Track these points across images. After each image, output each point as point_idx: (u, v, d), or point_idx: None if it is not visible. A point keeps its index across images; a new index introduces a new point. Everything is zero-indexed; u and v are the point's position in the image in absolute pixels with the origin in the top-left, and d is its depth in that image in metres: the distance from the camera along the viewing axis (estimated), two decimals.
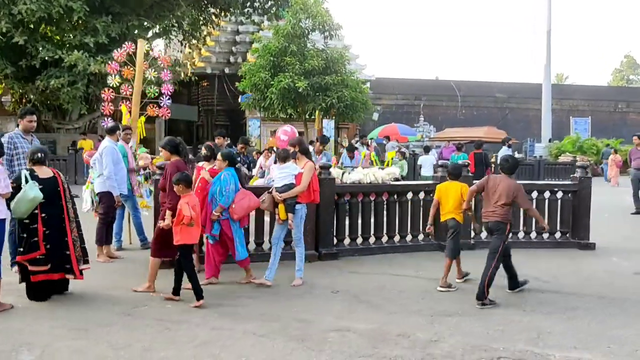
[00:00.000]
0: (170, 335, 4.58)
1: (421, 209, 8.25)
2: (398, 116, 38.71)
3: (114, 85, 8.97)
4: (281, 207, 6.09)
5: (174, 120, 29.09)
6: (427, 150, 15.61)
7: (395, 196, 8.17)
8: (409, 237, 8.18)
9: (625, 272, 7.15)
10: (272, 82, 11.83)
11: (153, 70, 9.22)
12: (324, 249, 7.46)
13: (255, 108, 12.97)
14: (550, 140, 32.95)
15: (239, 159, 9.15)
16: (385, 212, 8.04)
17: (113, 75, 8.95)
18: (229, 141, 13.21)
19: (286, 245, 7.43)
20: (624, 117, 42.16)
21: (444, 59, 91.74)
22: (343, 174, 7.85)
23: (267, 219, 7.48)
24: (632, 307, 5.61)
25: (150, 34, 23.80)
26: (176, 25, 23.69)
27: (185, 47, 26.90)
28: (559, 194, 8.65)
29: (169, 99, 9.35)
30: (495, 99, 40.65)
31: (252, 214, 7.18)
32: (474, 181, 7.30)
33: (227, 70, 28.90)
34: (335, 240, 7.72)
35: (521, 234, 8.60)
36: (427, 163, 16.45)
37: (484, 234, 8.41)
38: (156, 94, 9.31)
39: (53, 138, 22.83)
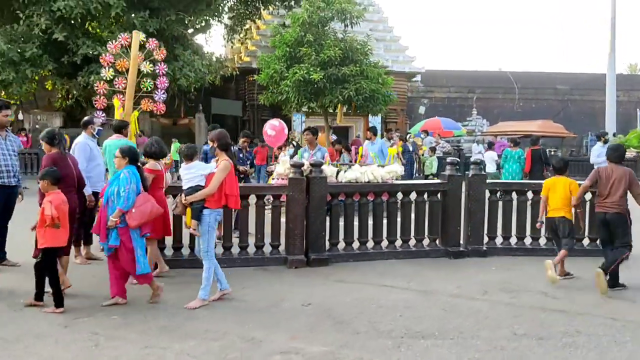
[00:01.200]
0: (93, 354, 4.15)
1: (426, 210, 7.51)
2: (450, 110, 37.36)
3: (107, 78, 8.69)
4: (188, 212, 5.43)
5: (220, 115, 29.14)
6: (490, 146, 14.53)
7: (398, 197, 7.48)
8: (412, 242, 7.46)
9: None
10: (286, 74, 11.31)
11: (148, 62, 8.88)
12: (314, 254, 6.86)
13: (273, 102, 12.45)
14: (614, 135, 30.75)
15: (241, 155, 8.71)
16: (385, 214, 7.37)
17: (107, 68, 8.67)
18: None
19: (274, 249, 6.95)
20: None
21: (502, 51, 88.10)
22: (338, 172, 7.22)
23: (283, 219, 7.02)
24: None
25: (190, 29, 23.84)
26: (217, 19, 23.58)
27: (228, 41, 26.77)
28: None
29: (164, 93, 9.01)
30: (556, 90, 38.50)
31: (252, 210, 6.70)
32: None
33: None
34: (328, 245, 7.13)
35: (542, 240, 7.70)
36: (489, 159, 15.71)
37: (499, 240, 7.63)
38: (151, 88, 8.97)
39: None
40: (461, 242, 7.52)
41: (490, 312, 5.26)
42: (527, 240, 7.68)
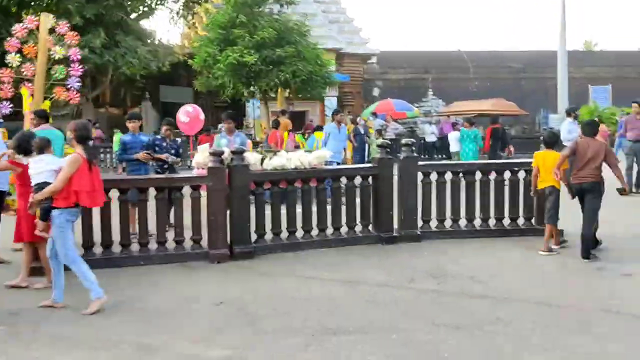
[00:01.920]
0: None
1: (357, 196, 7.23)
2: (407, 91, 37.25)
3: (13, 65, 8.08)
4: (37, 212, 4.95)
5: (170, 103, 28.31)
6: (471, 123, 14.42)
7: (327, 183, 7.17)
8: (344, 229, 7.17)
9: (586, 266, 6.03)
10: (219, 58, 10.81)
11: (60, 47, 8.29)
12: (239, 246, 6.50)
13: (208, 87, 11.89)
14: (566, 111, 31.25)
15: (164, 144, 8.24)
16: (315, 202, 7.05)
17: (13, 53, 8.05)
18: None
19: (195, 244, 6.55)
20: None
21: (460, 30, 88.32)
22: (263, 159, 6.84)
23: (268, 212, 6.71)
24: (568, 316, 4.53)
25: (133, 15, 22.96)
26: (160, 3, 22.75)
27: (174, 26, 25.87)
28: (522, 173, 7.50)
29: (78, 81, 8.44)
30: (510, 68, 38.78)
31: None
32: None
33: None
34: (255, 237, 6.78)
35: (477, 222, 7.51)
36: (453, 139, 16.11)
37: (433, 223, 7.40)
38: (63, 75, 8.40)
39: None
40: (395, 227, 7.27)
41: (413, 301, 5.01)
42: (463, 223, 7.47)
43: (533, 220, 7.50)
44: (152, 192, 6.44)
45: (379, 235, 7.14)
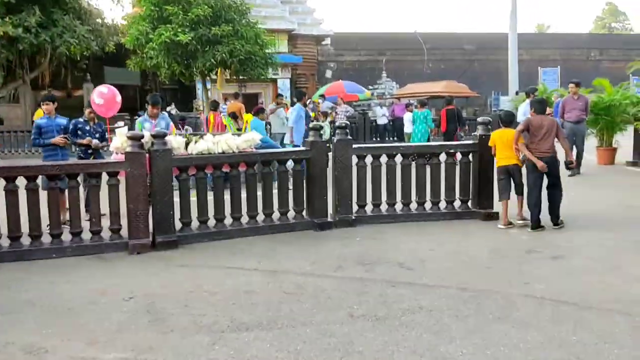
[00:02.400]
0: None
1: (290, 179, 6.96)
2: (361, 73, 37.10)
3: None
4: None
5: (116, 85, 27.29)
6: (423, 104, 14.52)
7: (257, 167, 6.86)
8: (276, 216, 6.89)
9: (517, 249, 5.93)
10: (152, 36, 10.27)
11: None
12: (161, 236, 6.15)
13: (142, 67, 11.33)
14: (517, 93, 31.56)
15: (87, 127, 7.77)
16: (245, 187, 6.74)
17: None
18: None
19: (114, 234, 6.17)
20: (597, 65, 40.80)
21: (412, 13, 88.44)
22: (187, 143, 6.47)
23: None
24: (491, 303, 4.39)
25: None
26: None
27: (117, 4, 24.76)
28: (459, 156, 7.36)
29: None
30: (463, 51, 39.06)
31: None
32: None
33: None
34: (180, 225, 6.44)
35: (414, 205, 7.34)
36: (407, 121, 16.10)
37: (369, 208, 7.20)
38: None
39: None
40: (329, 212, 7.03)
41: (335, 291, 4.78)
42: (398, 207, 7.30)
43: (470, 203, 7.39)
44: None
45: (312, 221, 6.90)
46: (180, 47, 10.34)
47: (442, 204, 7.36)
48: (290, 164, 7.06)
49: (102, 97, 7.09)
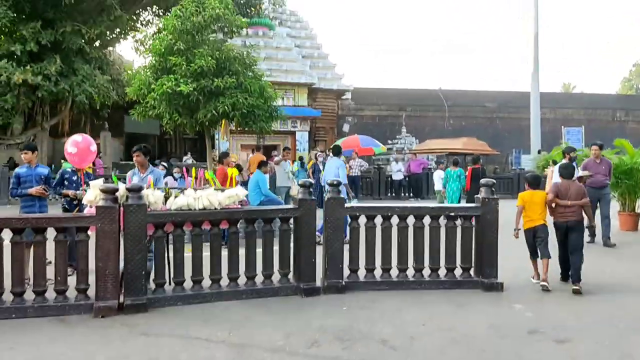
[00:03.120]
0: None
1: (274, 240, 6.49)
2: (381, 127, 37.02)
3: None
4: None
5: (136, 134, 27.55)
6: (455, 163, 14.43)
7: (240, 225, 6.43)
8: (259, 279, 6.39)
9: (519, 327, 5.30)
10: (154, 87, 10.14)
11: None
12: (130, 298, 5.69)
13: (145, 117, 11.17)
14: (539, 152, 30.98)
15: (74, 177, 7.48)
16: (227, 247, 6.29)
17: None
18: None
19: (80, 294, 5.73)
20: (623, 126, 40.11)
21: (434, 69, 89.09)
22: (167, 198, 6.09)
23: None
24: None
25: (97, 42, 22.33)
26: (119, 31, 22.19)
27: (139, 55, 25.33)
28: (459, 220, 6.82)
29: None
30: (485, 108, 38.78)
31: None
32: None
33: None
34: (153, 286, 5.98)
35: (411, 271, 6.77)
36: (437, 178, 16.08)
37: (362, 272, 6.66)
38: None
39: None
40: (319, 276, 6.52)
41: None
42: (394, 272, 6.74)
43: (471, 272, 6.80)
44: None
45: (299, 285, 6.37)
46: (182, 97, 10.15)
47: (442, 271, 6.78)
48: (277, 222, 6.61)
49: (76, 146, 6.80)
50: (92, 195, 5.84)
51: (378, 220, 6.74)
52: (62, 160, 18.99)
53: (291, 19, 34.13)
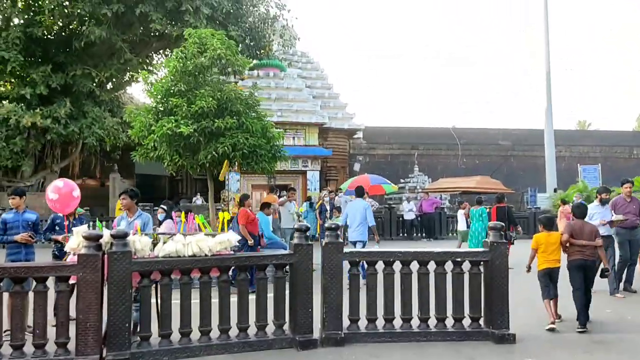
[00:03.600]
0: None
1: (270, 287, 6.11)
2: (393, 166, 36.74)
3: None
4: None
5: (145, 175, 27.56)
6: (479, 202, 14.05)
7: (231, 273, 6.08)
8: (252, 330, 5.99)
9: None
10: (154, 128, 9.99)
11: None
12: (113, 352, 5.32)
13: (147, 159, 10.99)
14: (555, 190, 30.38)
15: (66, 223, 7.23)
16: (218, 297, 5.93)
17: None
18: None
19: (60, 348, 5.38)
20: None
21: (447, 108, 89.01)
22: (155, 244, 5.78)
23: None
24: None
25: (109, 84, 22.56)
26: (131, 74, 22.40)
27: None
28: (466, 266, 6.40)
29: None
30: (499, 146, 38.40)
31: None
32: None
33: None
34: (138, 339, 5.62)
35: (415, 322, 6.33)
36: (460, 217, 15.67)
37: (363, 322, 6.24)
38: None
39: None
40: (316, 326, 6.11)
41: None
42: (397, 322, 6.30)
43: (481, 322, 6.34)
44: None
45: (294, 337, 5.96)
46: (183, 139, 9.97)
47: (449, 321, 6.33)
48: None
49: (57, 192, 6.54)
50: (75, 242, 5.56)
51: (379, 266, 6.35)
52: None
53: (302, 60, 34.44)
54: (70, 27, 19.90)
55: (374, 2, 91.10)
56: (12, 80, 19.43)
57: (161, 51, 24.86)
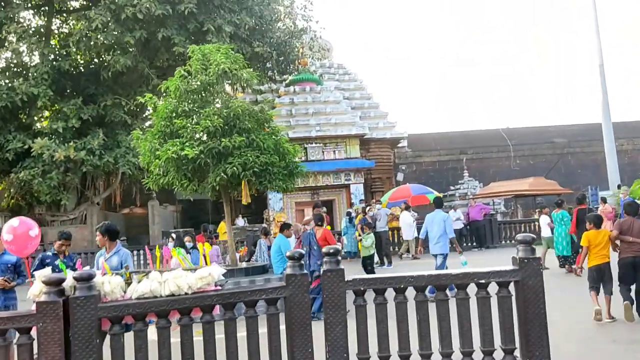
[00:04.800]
0: None
1: (258, 329, 5.32)
2: (442, 173, 35.45)
3: None
4: None
5: (187, 200, 27.48)
6: (559, 205, 13.56)
7: (217, 313, 5.33)
8: None
9: None
10: (159, 153, 9.43)
11: None
12: None
13: (159, 185, 10.42)
14: (619, 187, 28.24)
15: (56, 262, 6.72)
16: (202, 342, 5.18)
17: None
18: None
19: None
20: None
21: (493, 109, 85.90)
22: (129, 283, 5.12)
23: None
24: None
25: (145, 113, 22.57)
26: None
27: None
28: (494, 289, 5.41)
29: None
30: (553, 144, 36.39)
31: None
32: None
33: None
34: None
35: (437, 357, 5.37)
36: (543, 223, 14.69)
37: None
38: None
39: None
40: None
41: None
42: (415, 358, 5.37)
43: (517, 354, 5.32)
44: None
45: None
46: (190, 162, 9.39)
47: (478, 355, 5.35)
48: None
49: (12, 232, 6.00)
50: (37, 288, 4.97)
51: (390, 293, 5.45)
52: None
53: (339, 72, 33.86)
54: (99, 59, 19.98)
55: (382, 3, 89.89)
56: (45, 116, 19.67)
57: None
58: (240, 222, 25.29)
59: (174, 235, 9.37)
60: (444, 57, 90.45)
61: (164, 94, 9.99)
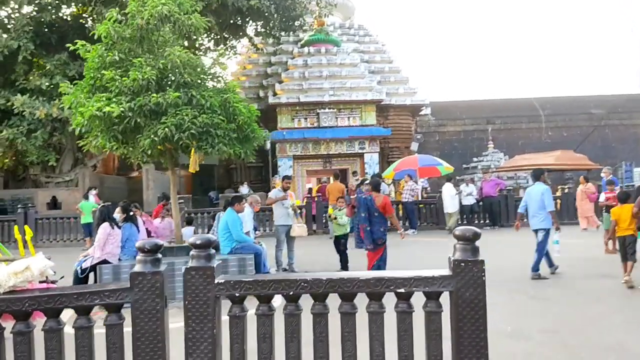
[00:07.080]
0: None
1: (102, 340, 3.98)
2: (467, 144, 33.45)
3: None
4: None
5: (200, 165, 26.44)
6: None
7: (62, 320, 4.01)
8: None
9: None
10: (81, 109, 8.05)
11: None
12: None
13: (95, 147, 9.03)
14: None
15: None
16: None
17: None
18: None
19: None
20: None
21: (531, 78, 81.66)
22: None
23: None
24: None
25: None
26: None
27: None
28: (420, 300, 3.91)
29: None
30: (590, 115, 33.81)
31: None
32: None
33: (257, 106, 25.99)
34: None
35: None
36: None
37: None
38: None
39: (30, 194, 20.76)
40: None
41: None
42: None
43: None
44: None
45: None
46: (120, 121, 8.03)
47: None
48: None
49: None
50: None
51: (278, 301, 4.03)
52: (84, 199, 17.83)
53: (359, 33, 31.92)
54: (85, 11, 18.75)
55: None
56: (30, 71, 18.62)
57: None
58: (244, 189, 24.09)
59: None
60: (473, 22, 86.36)
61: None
